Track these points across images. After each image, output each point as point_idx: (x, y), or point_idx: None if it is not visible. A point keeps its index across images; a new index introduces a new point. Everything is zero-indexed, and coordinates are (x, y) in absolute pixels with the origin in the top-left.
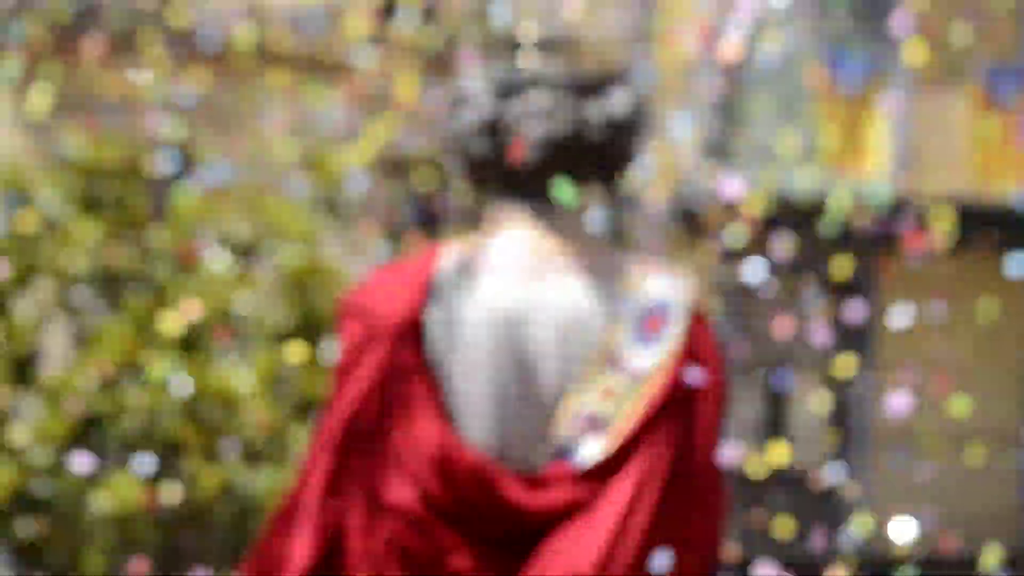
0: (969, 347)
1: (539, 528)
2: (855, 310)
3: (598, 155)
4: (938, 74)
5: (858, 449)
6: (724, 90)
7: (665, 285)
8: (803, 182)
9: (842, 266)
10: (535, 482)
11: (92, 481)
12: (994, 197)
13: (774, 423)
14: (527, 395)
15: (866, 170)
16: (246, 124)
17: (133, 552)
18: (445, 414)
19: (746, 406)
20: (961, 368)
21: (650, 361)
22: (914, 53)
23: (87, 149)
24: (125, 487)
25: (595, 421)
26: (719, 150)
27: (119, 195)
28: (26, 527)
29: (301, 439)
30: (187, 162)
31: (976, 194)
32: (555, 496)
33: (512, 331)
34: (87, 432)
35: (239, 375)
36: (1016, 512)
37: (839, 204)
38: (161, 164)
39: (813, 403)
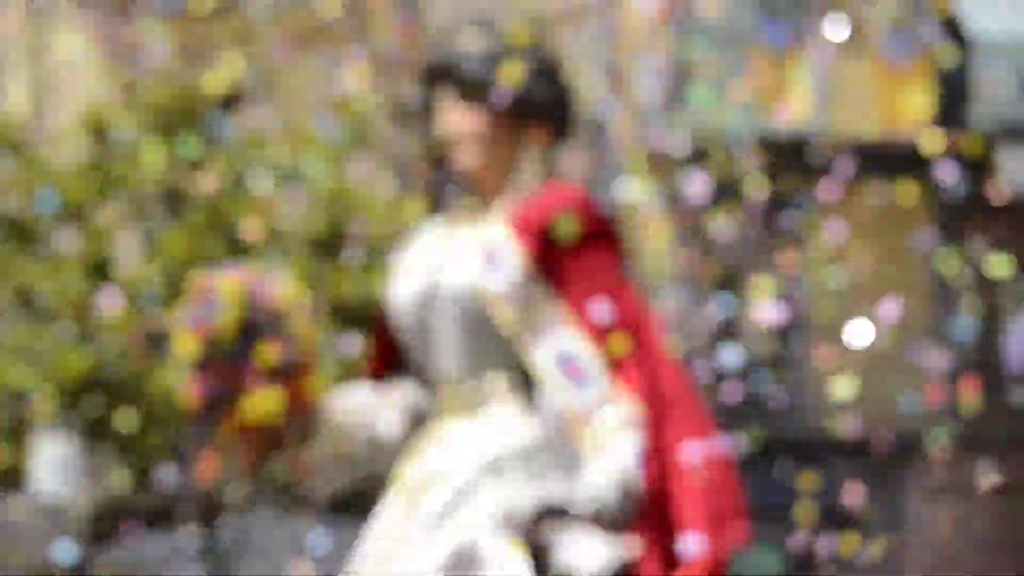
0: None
1: None
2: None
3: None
4: (849, 38)
5: None
6: (675, 49)
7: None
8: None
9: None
10: None
11: (154, 365)
12: (887, 136)
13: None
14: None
15: (791, 115)
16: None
17: (187, 428)
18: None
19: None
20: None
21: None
22: (834, 28)
23: (156, 90)
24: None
25: None
26: (674, 98)
27: (181, 127)
28: (97, 406)
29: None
30: (238, 101)
31: (877, 133)
32: None
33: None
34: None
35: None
36: None
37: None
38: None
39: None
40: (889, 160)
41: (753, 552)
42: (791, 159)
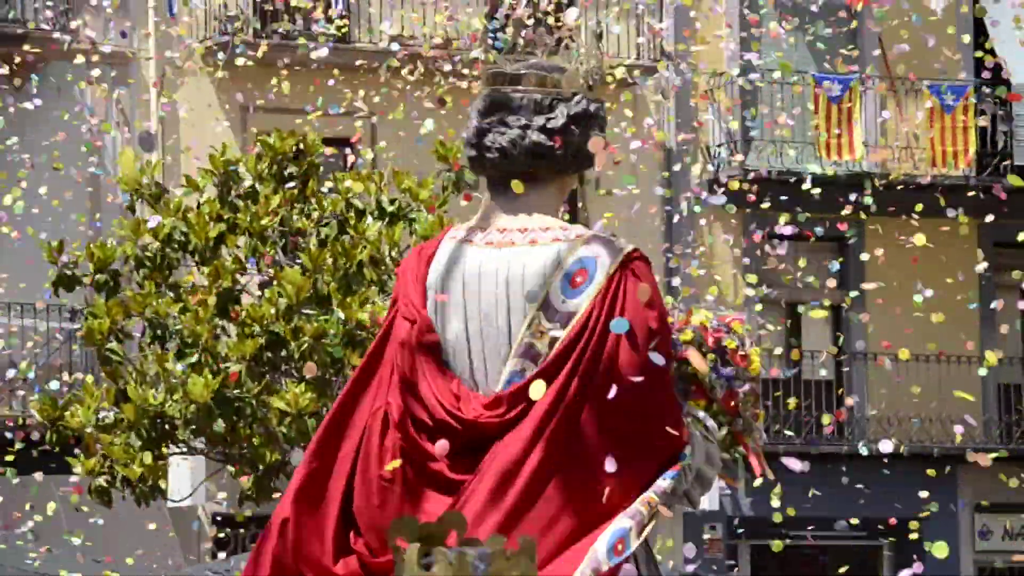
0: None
1: (487, 437)
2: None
3: (544, 156)
4: (899, 89)
5: None
6: (744, 96)
7: (595, 251)
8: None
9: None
10: (492, 403)
11: (272, 388)
12: (937, 174)
13: None
14: (488, 335)
15: (848, 156)
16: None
17: (302, 445)
18: (441, 358)
19: None
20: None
21: (572, 308)
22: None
23: (276, 139)
24: (298, 394)
25: (533, 353)
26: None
27: (298, 173)
28: (223, 426)
29: None
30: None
31: (929, 173)
32: (502, 411)
33: (477, 287)
34: (270, 351)
35: (384, 309)
36: None
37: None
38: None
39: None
40: (939, 197)
41: None
42: (848, 197)
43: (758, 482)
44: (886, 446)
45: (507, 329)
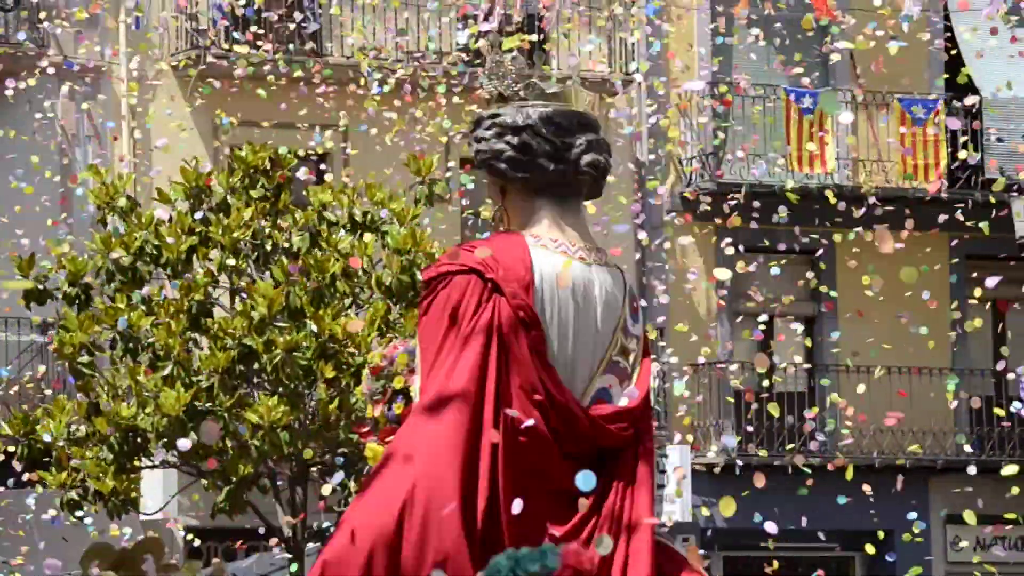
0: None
1: (606, 449)
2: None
3: (602, 174)
4: (870, 101)
5: None
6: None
7: (630, 279)
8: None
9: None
10: (615, 416)
11: (244, 401)
12: (908, 187)
13: None
14: (585, 350)
15: (821, 168)
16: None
17: (274, 458)
18: (547, 362)
19: None
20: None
21: (638, 330)
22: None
23: (247, 154)
24: (271, 407)
25: (619, 370)
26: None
27: (269, 187)
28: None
29: None
30: (320, 162)
31: (898, 187)
32: (620, 426)
33: (581, 301)
34: (242, 363)
35: (357, 322)
36: None
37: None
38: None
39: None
40: (910, 209)
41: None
42: (820, 209)
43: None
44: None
45: (601, 346)
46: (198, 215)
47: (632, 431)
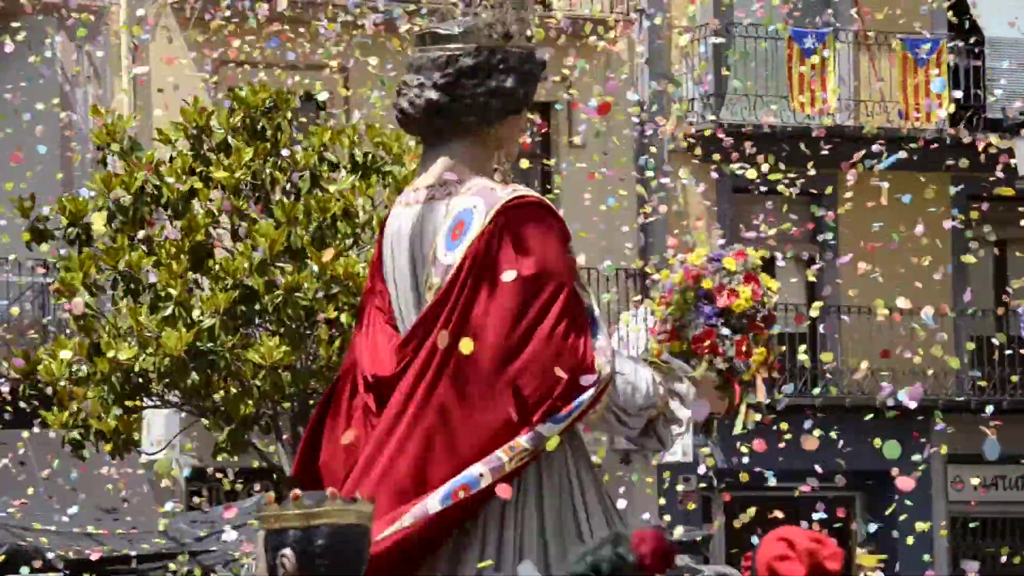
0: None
1: (389, 389)
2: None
3: (443, 111)
4: (873, 40)
5: None
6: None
7: (473, 202)
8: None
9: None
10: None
11: (246, 342)
12: (910, 127)
13: None
14: (405, 294)
15: (822, 109)
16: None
17: (276, 398)
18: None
19: None
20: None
21: (453, 258)
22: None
23: (249, 93)
24: (272, 346)
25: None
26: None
27: (270, 127)
28: (197, 379)
29: None
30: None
31: (898, 126)
32: (389, 364)
33: (395, 247)
34: (244, 304)
35: (358, 262)
36: None
37: None
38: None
39: None
40: (911, 150)
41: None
42: (821, 150)
43: (738, 429)
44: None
45: (415, 285)
46: (199, 156)
47: (397, 369)
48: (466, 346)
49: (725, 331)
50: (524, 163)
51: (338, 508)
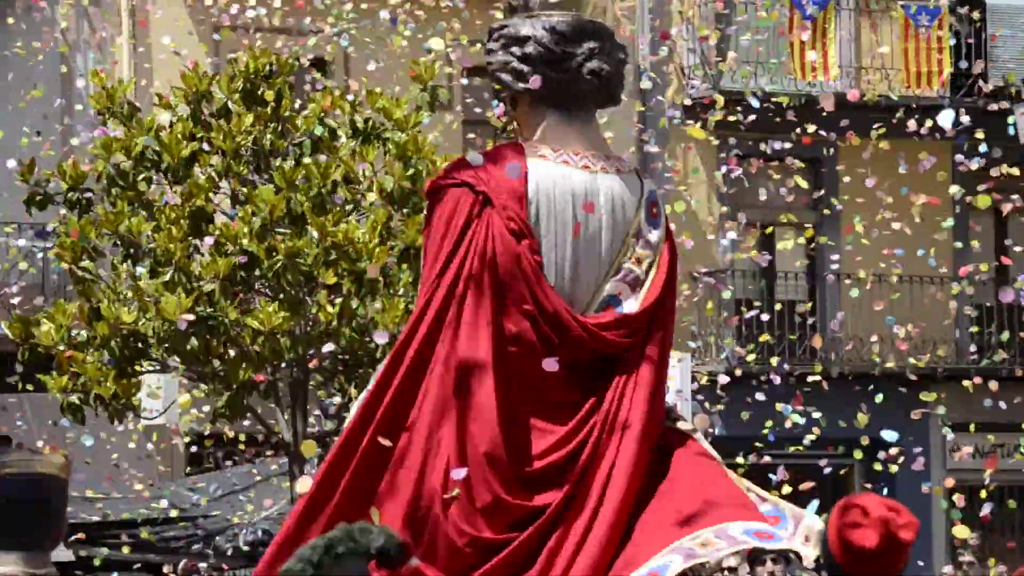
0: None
1: (606, 356)
2: None
3: (619, 87)
4: (874, 9)
5: None
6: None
7: (652, 184)
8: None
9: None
10: (617, 323)
11: (246, 307)
12: (912, 95)
13: None
14: (589, 259)
15: (823, 77)
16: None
17: (275, 363)
18: (539, 272)
19: None
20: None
21: (656, 236)
22: None
23: (249, 59)
24: (271, 312)
25: (632, 279)
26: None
27: (271, 92)
28: (197, 344)
29: (404, 278)
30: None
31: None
32: (621, 333)
33: (582, 210)
34: (243, 270)
35: (358, 228)
36: None
37: None
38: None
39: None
40: (912, 118)
41: None
42: (823, 118)
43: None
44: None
45: (608, 253)
46: (199, 121)
47: (633, 339)
48: None
49: None
50: None
51: (23, 458)
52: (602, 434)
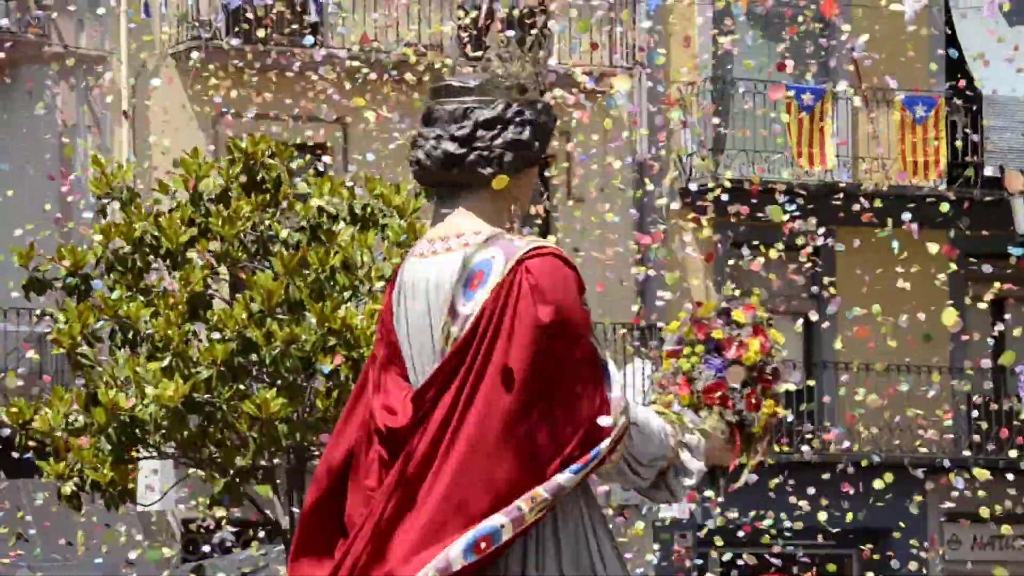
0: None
1: (403, 443)
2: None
3: (459, 163)
4: (871, 99)
5: None
6: (716, 104)
7: (492, 252)
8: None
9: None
10: (385, 409)
11: (243, 393)
12: (910, 187)
13: None
14: (422, 349)
15: (821, 165)
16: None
17: (272, 450)
18: (400, 366)
19: None
20: None
21: (470, 307)
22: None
23: (246, 144)
24: (269, 398)
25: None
26: (715, 147)
27: (269, 178)
28: (194, 429)
29: None
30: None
31: (898, 184)
32: (403, 415)
33: (410, 301)
34: (241, 355)
35: (356, 314)
36: None
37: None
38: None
39: None
40: (910, 206)
41: None
42: (821, 205)
43: (740, 483)
44: None
45: (436, 338)
46: (197, 206)
47: (413, 421)
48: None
49: (735, 383)
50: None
51: None
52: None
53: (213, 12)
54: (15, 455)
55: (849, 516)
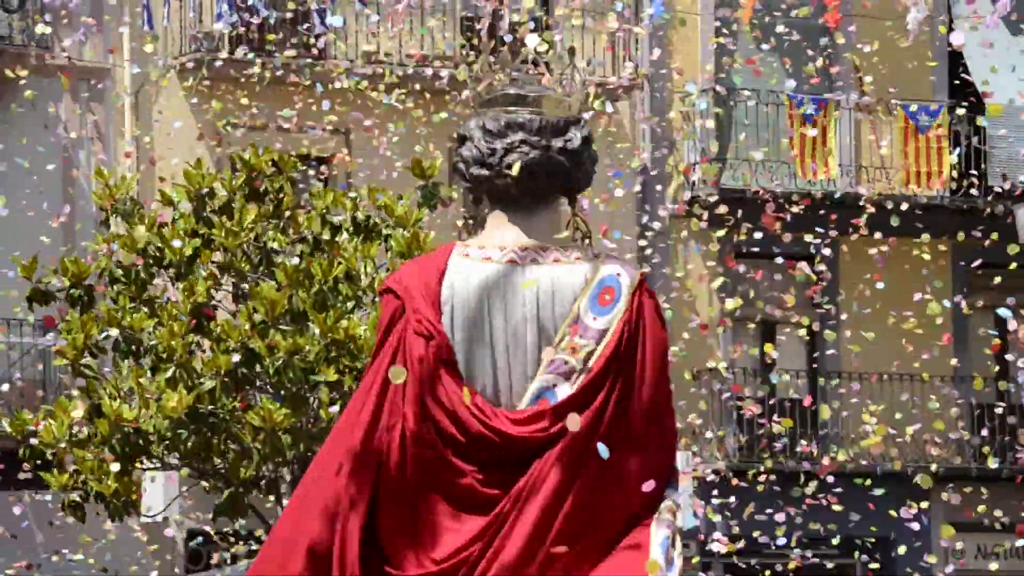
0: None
1: (527, 452)
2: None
3: (562, 176)
4: (875, 108)
5: None
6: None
7: (615, 270)
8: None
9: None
10: (530, 418)
11: (247, 404)
12: (910, 196)
13: None
14: (514, 353)
15: (824, 176)
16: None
17: (277, 461)
18: (458, 372)
19: None
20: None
21: (603, 323)
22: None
23: (251, 155)
24: (272, 410)
25: (566, 370)
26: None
27: (272, 189)
28: (197, 441)
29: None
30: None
31: (901, 194)
32: (536, 427)
33: (502, 305)
34: (244, 366)
35: (359, 324)
36: None
37: None
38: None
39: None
40: (913, 216)
41: None
42: (823, 215)
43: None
44: None
45: (535, 345)
46: (201, 217)
47: (552, 431)
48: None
49: None
50: None
51: None
52: (498, 533)
53: (215, 26)
54: (25, 466)
55: (851, 526)
